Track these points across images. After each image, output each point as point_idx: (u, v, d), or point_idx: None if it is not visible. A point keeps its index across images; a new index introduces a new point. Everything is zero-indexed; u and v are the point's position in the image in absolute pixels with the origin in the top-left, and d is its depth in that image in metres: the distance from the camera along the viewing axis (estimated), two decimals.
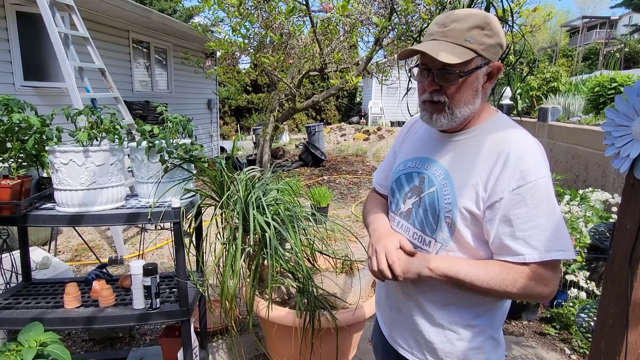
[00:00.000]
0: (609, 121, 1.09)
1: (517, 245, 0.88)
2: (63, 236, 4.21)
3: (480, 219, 0.93)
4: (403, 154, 1.14)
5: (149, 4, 14.38)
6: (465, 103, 0.95)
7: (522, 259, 0.88)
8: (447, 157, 1.00)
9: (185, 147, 1.75)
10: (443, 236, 0.97)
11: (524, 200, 0.87)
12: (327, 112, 16.89)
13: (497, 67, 0.95)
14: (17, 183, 1.51)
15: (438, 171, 1.00)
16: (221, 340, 2.47)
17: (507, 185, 0.88)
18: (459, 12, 0.93)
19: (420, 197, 1.01)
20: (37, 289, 1.90)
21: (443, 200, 0.96)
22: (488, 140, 0.96)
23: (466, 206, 0.93)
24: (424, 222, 1.00)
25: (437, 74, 0.93)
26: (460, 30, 0.90)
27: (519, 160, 0.89)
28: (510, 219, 0.88)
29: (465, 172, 0.95)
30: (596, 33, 25.11)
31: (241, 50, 4.77)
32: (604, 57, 14.62)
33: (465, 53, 0.90)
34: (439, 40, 0.92)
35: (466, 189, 0.93)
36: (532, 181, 0.87)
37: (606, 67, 8.62)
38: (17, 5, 4.68)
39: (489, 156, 0.93)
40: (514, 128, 0.97)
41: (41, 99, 4.96)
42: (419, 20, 4.54)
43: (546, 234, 0.87)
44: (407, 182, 1.06)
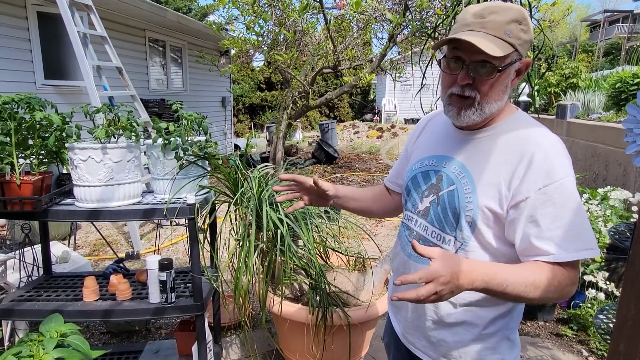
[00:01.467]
0: (631, 118, 1.07)
1: (546, 245, 0.86)
2: (82, 231, 4.31)
3: (502, 218, 0.90)
4: (419, 152, 1.12)
5: (165, 3, 14.56)
6: (495, 99, 0.92)
7: (553, 258, 0.85)
8: (467, 155, 0.97)
9: (200, 144, 1.77)
10: (463, 235, 0.94)
11: (551, 200, 0.85)
12: (341, 109, 16.85)
13: (527, 63, 0.93)
14: (38, 179, 1.56)
15: (457, 169, 0.97)
16: (234, 335, 2.50)
17: (533, 184, 0.86)
18: (497, 4, 0.89)
19: (438, 195, 0.99)
20: (57, 282, 1.95)
21: (464, 199, 0.93)
22: (510, 138, 0.93)
23: (488, 205, 0.90)
24: (443, 221, 0.98)
25: (473, 67, 0.89)
26: (500, 23, 0.87)
27: (545, 159, 0.87)
28: (537, 219, 0.86)
29: (488, 170, 0.92)
30: (618, 27, 24.37)
31: (255, 48, 4.79)
32: (627, 52, 14.20)
33: (505, 47, 0.86)
34: (478, 31, 0.88)
35: (488, 188, 0.91)
36: (558, 180, 0.85)
37: (629, 62, 8.37)
38: (37, 5, 4.80)
39: (512, 155, 0.90)
40: (536, 126, 0.95)
41: (61, 97, 5.08)
42: (433, 17, 4.49)
43: (574, 233, 0.85)
44: (424, 181, 1.04)
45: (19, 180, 1.51)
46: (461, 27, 0.91)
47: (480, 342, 0.99)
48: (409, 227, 1.08)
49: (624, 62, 12.03)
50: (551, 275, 0.85)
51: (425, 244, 1.00)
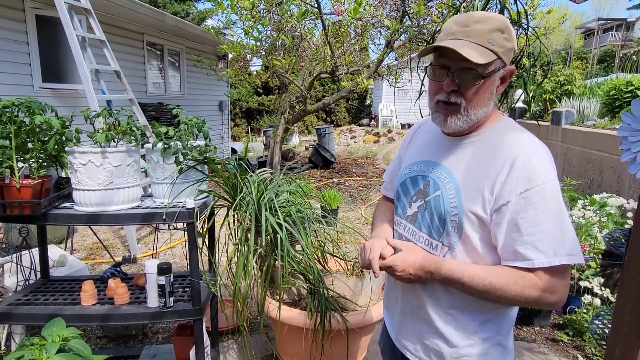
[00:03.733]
0: (626, 126, 1.09)
1: (526, 250, 0.87)
2: (78, 235, 4.29)
3: (487, 223, 0.92)
4: (409, 158, 1.14)
5: (163, 7, 14.58)
6: (480, 105, 0.94)
7: (531, 264, 0.87)
8: (453, 161, 1.00)
9: (199, 148, 1.78)
10: (450, 240, 0.96)
11: (532, 204, 0.86)
12: (338, 114, 16.90)
13: (510, 71, 0.96)
14: (37, 183, 1.56)
15: (443, 174, 0.99)
16: (232, 339, 2.50)
17: (514, 188, 0.88)
18: (480, 14, 0.92)
19: (425, 200, 1.01)
20: (55, 286, 1.95)
21: (449, 204, 0.95)
22: (495, 143, 0.95)
23: (472, 210, 0.92)
24: (431, 226, 1.00)
25: (458, 74, 0.92)
26: (483, 31, 0.90)
27: (526, 163, 0.88)
28: (518, 224, 0.87)
29: (472, 175, 0.94)
30: (612, 35, 24.68)
31: (253, 52, 4.82)
32: (620, 59, 14.37)
33: (488, 54, 0.89)
34: (462, 39, 0.91)
35: (472, 193, 0.93)
36: (539, 184, 0.86)
37: (622, 69, 8.48)
38: (36, 9, 4.80)
39: (496, 160, 0.92)
40: (521, 132, 0.97)
41: (58, 100, 5.07)
42: (430, 23, 4.53)
43: (554, 238, 0.86)
44: (412, 186, 1.06)
45: (19, 183, 1.51)
46: (446, 36, 0.94)
47: (471, 348, 1.00)
48: (398, 232, 1.10)
49: (617, 69, 12.18)
50: (524, 280, 0.88)
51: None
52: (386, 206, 1.28)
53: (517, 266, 0.89)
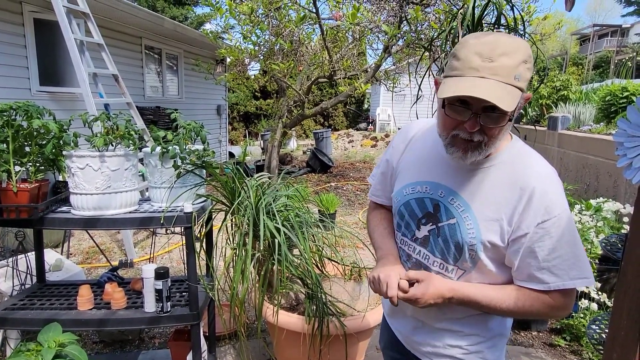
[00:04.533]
0: (621, 132, 1.09)
1: (542, 275, 0.91)
2: (74, 239, 4.27)
3: (502, 249, 0.95)
4: (408, 174, 1.09)
5: (161, 12, 14.62)
6: (500, 139, 0.93)
7: (547, 287, 0.91)
8: (466, 188, 0.97)
9: (197, 153, 1.78)
10: (466, 265, 0.98)
11: (549, 234, 0.90)
12: (335, 118, 16.94)
13: (527, 98, 0.92)
14: (35, 186, 1.55)
15: (456, 202, 0.98)
16: (229, 344, 2.48)
17: (533, 220, 0.90)
18: (506, 43, 0.84)
19: (438, 226, 1.00)
20: (51, 291, 1.93)
21: (467, 234, 0.95)
22: (509, 171, 0.95)
23: (491, 240, 0.94)
24: (445, 252, 1.00)
25: (484, 117, 0.86)
26: (510, 67, 0.83)
27: (544, 195, 0.90)
28: (535, 251, 0.91)
29: (489, 207, 0.94)
30: (607, 41, 24.90)
31: (251, 57, 4.83)
32: (616, 65, 14.49)
33: (515, 94, 0.84)
34: (488, 78, 0.83)
35: (490, 224, 0.94)
36: (556, 215, 0.89)
37: (617, 75, 8.55)
38: (34, 12, 4.80)
39: (513, 190, 0.93)
40: (532, 157, 0.97)
41: (56, 103, 5.06)
42: (428, 29, 4.56)
43: (569, 263, 0.90)
44: (419, 208, 1.04)
45: (16, 187, 1.50)
46: (468, 71, 0.85)
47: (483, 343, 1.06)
48: (407, 253, 1.09)
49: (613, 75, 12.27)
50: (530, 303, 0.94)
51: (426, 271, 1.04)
52: (380, 215, 1.23)
53: (531, 288, 0.93)
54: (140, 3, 13.76)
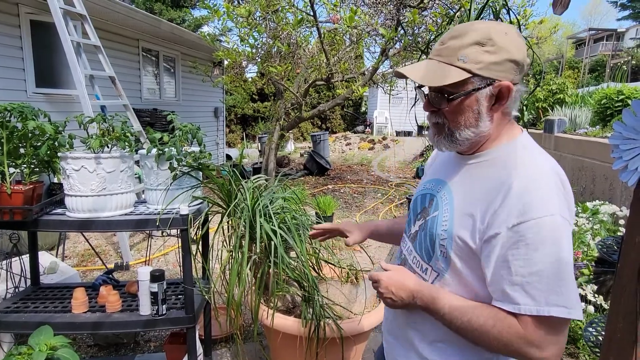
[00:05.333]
0: (617, 134, 1.10)
1: (513, 292, 0.77)
2: (70, 241, 4.24)
3: (477, 253, 0.84)
4: (429, 174, 1.10)
5: (159, 14, 14.62)
6: (466, 126, 0.86)
7: (517, 308, 0.77)
8: (456, 181, 0.94)
9: (194, 155, 1.77)
10: (439, 265, 0.90)
11: (524, 240, 0.76)
12: (333, 121, 16.96)
13: (505, 86, 0.83)
14: (29, 188, 1.54)
15: (445, 195, 0.94)
16: (225, 348, 2.47)
17: (506, 219, 0.78)
18: (461, 27, 0.85)
19: (425, 220, 0.97)
20: (45, 294, 1.92)
21: (440, 226, 0.89)
22: (497, 166, 0.87)
23: (460, 236, 0.85)
24: (423, 248, 0.95)
25: (431, 96, 0.89)
26: (454, 49, 0.83)
27: (523, 192, 0.78)
28: (507, 260, 0.78)
29: (468, 199, 0.88)
30: (602, 45, 25.10)
31: (249, 59, 4.83)
32: (611, 69, 14.60)
33: (456, 74, 0.82)
34: (433, 59, 0.86)
35: (464, 218, 0.86)
36: (534, 218, 0.75)
37: (613, 79, 8.62)
38: (31, 14, 4.79)
39: (493, 184, 0.84)
40: (531, 153, 0.87)
41: (52, 105, 5.04)
42: (425, 32, 4.58)
43: (548, 283, 0.75)
44: (421, 204, 1.02)
45: (10, 189, 1.49)
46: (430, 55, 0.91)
47: None
48: (401, 250, 1.07)
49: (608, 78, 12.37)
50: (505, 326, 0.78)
51: (409, 269, 0.99)
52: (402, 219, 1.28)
53: (502, 308, 0.79)
54: (137, 5, 13.75)
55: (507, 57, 0.82)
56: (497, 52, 0.82)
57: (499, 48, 0.82)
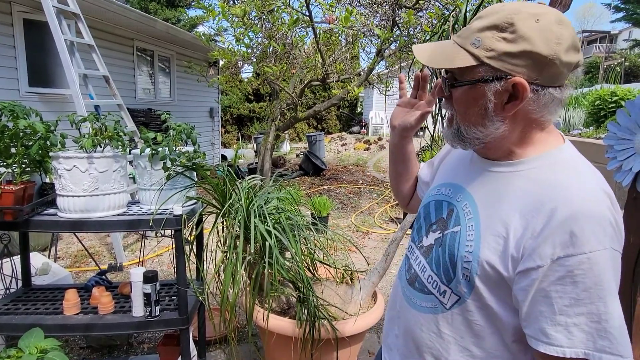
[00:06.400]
0: (611, 135, 1.10)
1: (555, 332, 0.65)
2: (63, 242, 4.20)
3: (508, 281, 0.71)
4: (440, 175, 0.96)
5: (154, 13, 14.55)
6: (471, 122, 0.76)
7: (561, 352, 0.65)
8: (479, 191, 0.79)
9: (188, 155, 1.76)
10: (460, 289, 0.76)
11: (572, 277, 0.64)
12: (328, 121, 16.96)
13: (519, 83, 0.68)
14: (20, 188, 1.52)
15: (468, 207, 0.79)
16: (220, 349, 2.45)
17: (550, 250, 0.65)
18: (491, 7, 0.73)
19: (444, 234, 0.82)
20: (37, 295, 1.89)
21: (464, 247, 0.75)
22: (537, 180, 0.72)
23: (489, 261, 0.71)
24: (441, 266, 0.80)
25: (443, 80, 0.79)
26: (472, 30, 0.72)
27: (569, 219, 0.64)
28: (550, 296, 0.65)
29: (497, 216, 0.73)
30: (596, 47, 25.35)
31: (244, 59, 4.82)
32: (605, 70, 14.73)
33: (462, 58, 0.71)
34: (452, 39, 0.76)
35: (492, 239, 0.72)
36: (585, 253, 0.63)
37: (607, 80, 8.69)
38: (24, 13, 4.74)
39: (529, 203, 0.70)
40: (574, 169, 0.73)
41: (45, 104, 5.00)
42: (420, 33, 4.59)
43: (599, 327, 0.63)
44: (435, 211, 0.87)
45: (0, 189, 1.47)
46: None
47: None
48: (409, 262, 0.92)
49: (602, 80, 12.48)
50: None
51: (421, 288, 0.85)
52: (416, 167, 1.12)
53: (541, 351, 0.68)
54: (132, 4, 13.68)
55: (527, 48, 0.67)
56: (516, 41, 0.68)
57: (520, 37, 0.67)
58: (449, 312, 0.79)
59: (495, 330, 0.75)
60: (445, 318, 0.79)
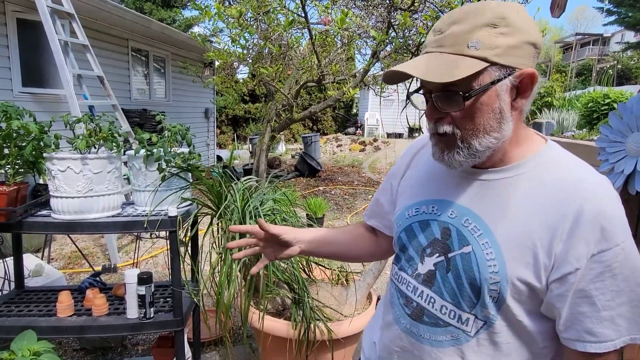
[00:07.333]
0: (603, 137, 1.12)
1: (602, 328, 0.65)
2: (56, 243, 4.17)
3: (540, 292, 0.69)
4: (410, 193, 0.87)
5: (149, 13, 14.49)
6: (487, 131, 0.69)
7: (612, 346, 0.66)
8: (482, 204, 0.74)
9: (183, 156, 1.76)
10: (487, 313, 0.71)
11: (610, 270, 0.64)
12: (324, 122, 16.98)
13: (527, 74, 0.68)
14: (13, 189, 1.51)
15: (472, 224, 0.74)
16: (215, 351, 2.44)
17: (585, 249, 0.64)
18: (463, 10, 0.68)
19: (447, 257, 0.76)
20: (30, 297, 1.88)
21: (486, 268, 0.70)
22: (544, 183, 0.71)
23: (521, 277, 0.68)
24: (458, 294, 0.73)
25: (437, 98, 0.70)
26: (460, 34, 0.67)
27: (599, 214, 0.65)
28: (591, 295, 0.65)
29: (517, 228, 0.69)
30: (589, 49, 25.60)
31: (240, 60, 4.81)
32: (597, 73, 14.88)
33: (470, 65, 0.66)
34: (433, 52, 0.69)
35: (520, 254, 0.68)
36: (618, 244, 0.64)
37: (599, 83, 8.77)
38: (17, 12, 4.71)
39: (550, 207, 0.68)
40: (581, 167, 0.73)
41: (39, 105, 4.96)
42: (416, 35, 4.61)
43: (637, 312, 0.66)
44: (423, 233, 0.80)
45: None
46: (423, 50, 0.73)
47: None
48: (405, 295, 0.82)
49: (595, 82, 12.61)
50: None
51: (434, 322, 0.77)
52: (361, 229, 1.05)
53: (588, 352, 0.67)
54: (127, 5, 13.62)
55: (526, 39, 0.67)
56: (515, 34, 0.67)
57: (516, 29, 0.67)
58: (474, 339, 0.74)
59: (523, 343, 0.73)
60: (471, 347, 0.74)
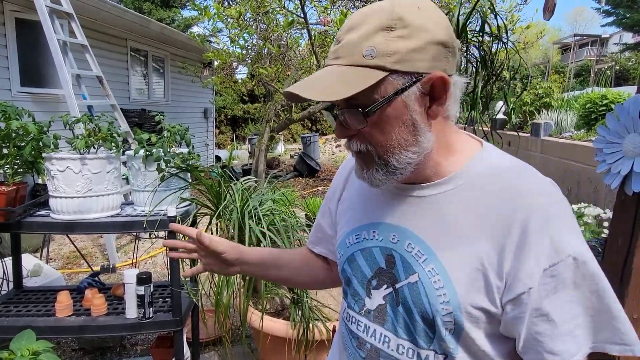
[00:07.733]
0: (601, 138, 1.12)
1: (563, 344, 0.60)
2: (55, 243, 4.16)
3: (497, 315, 0.63)
4: (350, 216, 0.79)
5: (148, 13, 14.49)
6: (401, 146, 0.62)
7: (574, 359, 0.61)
8: (423, 225, 0.67)
9: (182, 156, 1.76)
10: (445, 347, 0.65)
11: (563, 282, 0.59)
12: (323, 123, 16.98)
13: (437, 78, 0.60)
14: (12, 189, 1.51)
15: (416, 248, 0.66)
16: (214, 351, 2.44)
17: (536, 266, 0.59)
18: (362, 12, 0.61)
19: (395, 288, 0.68)
20: (29, 297, 1.88)
21: (436, 298, 0.63)
22: (485, 194, 0.64)
23: (475, 304, 0.62)
24: (413, 329, 0.66)
25: (342, 115, 0.63)
26: (354, 43, 0.59)
27: (544, 225, 0.59)
28: (547, 313, 0.60)
29: (462, 249, 0.63)
30: (587, 50, 25.69)
31: (239, 60, 4.82)
32: (595, 74, 14.93)
33: (365, 76, 0.58)
34: (331, 65, 0.62)
35: (470, 278, 0.62)
36: (570, 254, 0.58)
37: (597, 84, 8.80)
38: (16, 12, 4.70)
39: (496, 221, 0.62)
40: (523, 172, 0.65)
41: (37, 105, 4.95)
42: None
43: (599, 320, 0.61)
44: (367, 263, 0.72)
45: None
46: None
47: None
48: (357, 336, 0.73)
49: (593, 83, 12.64)
50: None
51: None
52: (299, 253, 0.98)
53: None
54: (126, 5, 13.61)
55: (431, 38, 0.59)
56: (416, 35, 0.58)
57: (416, 29, 0.58)
58: None
59: None
60: None
